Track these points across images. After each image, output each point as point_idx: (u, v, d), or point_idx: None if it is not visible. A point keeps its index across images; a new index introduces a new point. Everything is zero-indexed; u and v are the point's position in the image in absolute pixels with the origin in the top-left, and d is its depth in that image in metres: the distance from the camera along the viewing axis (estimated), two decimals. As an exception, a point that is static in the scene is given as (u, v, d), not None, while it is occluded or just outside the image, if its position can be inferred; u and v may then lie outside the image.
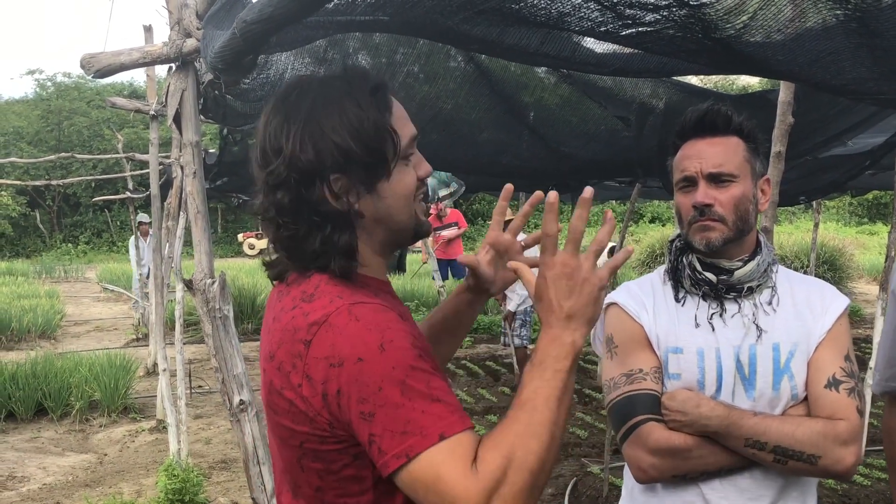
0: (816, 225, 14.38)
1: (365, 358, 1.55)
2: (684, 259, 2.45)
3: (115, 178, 16.77)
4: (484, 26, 1.92)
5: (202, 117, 4.79)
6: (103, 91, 39.40)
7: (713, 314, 2.39)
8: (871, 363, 6.89)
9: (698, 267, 2.41)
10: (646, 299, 2.48)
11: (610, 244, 15.22)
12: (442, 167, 6.72)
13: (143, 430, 9.36)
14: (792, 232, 24.18)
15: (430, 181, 10.16)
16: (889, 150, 6.99)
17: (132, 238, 17.33)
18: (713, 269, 2.40)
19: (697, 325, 2.39)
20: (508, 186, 2.16)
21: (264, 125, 1.74)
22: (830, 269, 17.70)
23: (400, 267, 21.38)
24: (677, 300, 2.45)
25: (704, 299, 2.42)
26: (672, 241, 2.54)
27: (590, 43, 2.15)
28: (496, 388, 10.48)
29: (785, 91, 3.81)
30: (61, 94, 41.01)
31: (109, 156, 19.61)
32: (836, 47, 1.96)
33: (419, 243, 12.16)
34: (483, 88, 4.28)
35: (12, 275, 25.33)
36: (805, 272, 15.51)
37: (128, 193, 17.00)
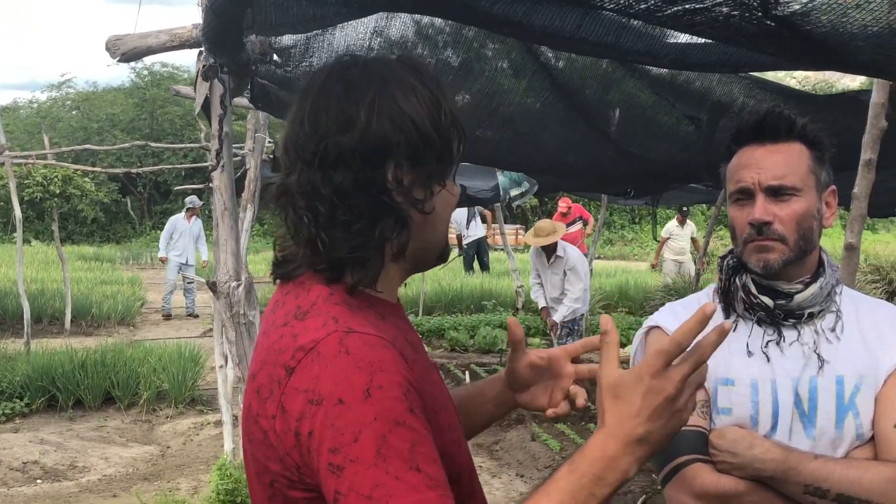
0: (917, 235, 13.75)
1: (346, 401, 1.32)
2: (737, 280, 2.18)
3: (199, 167, 16.87)
4: (505, 3, 1.64)
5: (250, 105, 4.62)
6: (198, 81, 39.82)
7: (769, 342, 2.13)
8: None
9: (753, 289, 2.15)
10: None
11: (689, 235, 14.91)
12: (507, 166, 6.45)
13: (209, 424, 9.31)
14: (889, 241, 23.26)
15: (502, 180, 10.01)
16: None
17: (176, 218, 17.38)
18: (770, 292, 2.13)
19: (751, 354, 2.13)
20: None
21: (317, 94, 1.50)
22: (931, 281, 16.87)
23: (483, 266, 21.23)
24: None
25: (759, 325, 2.16)
26: (724, 258, 2.27)
27: (636, 28, 1.85)
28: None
29: (878, 91, 3.44)
30: (157, 82, 41.69)
31: (181, 145, 19.79)
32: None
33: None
34: (544, 82, 4.01)
35: (98, 260, 25.84)
36: (902, 285, 14.86)
37: (210, 184, 17.07)
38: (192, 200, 17.31)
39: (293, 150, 1.51)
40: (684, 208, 17.09)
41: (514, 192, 9.81)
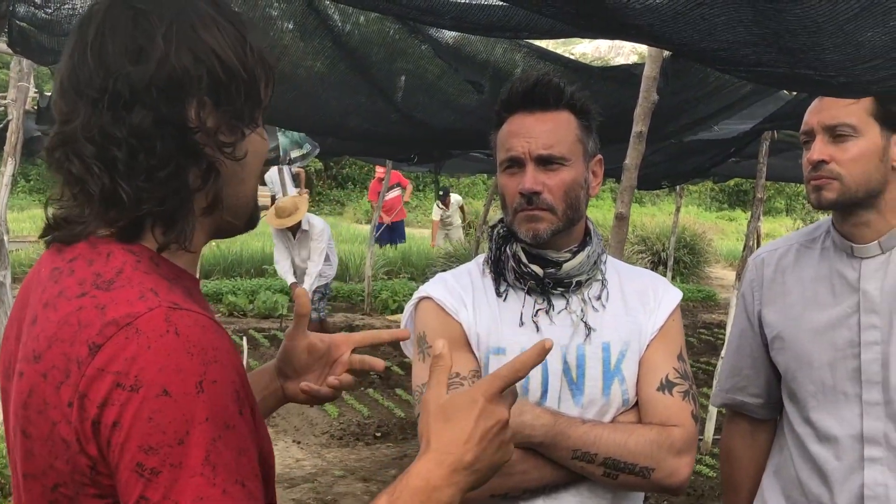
0: (678, 209, 14.64)
1: (173, 393, 1.12)
2: (508, 249, 2.18)
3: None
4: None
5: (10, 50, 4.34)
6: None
7: (539, 311, 2.15)
8: (718, 367, 6.86)
9: (523, 258, 2.15)
10: (464, 294, 2.21)
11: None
12: (287, 125, 6.27)
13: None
14: (655, 214, 24.63)
15: (282, 140, 9.78)
16: (754, 137, 6.98)
17: None
18: (539, 260, 2.15)
19: (522, 324, 2.14)
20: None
21: (101, 23, 1.25)
22: (690, 252, 18.00)
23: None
24: (499, 295, 2.20)
25: (529, 294, 2.17)
26: (494, 228, 2.27)
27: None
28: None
29: (650, 66, 3.55)
30: None
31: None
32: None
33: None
34: (328, 43, 3.92)
35: None
36: (665, 255, 15.74)
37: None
38: None
39: (72, 90, 1.27)
40: (441, 192, 17.70)
41: (294, 154, 9.60)
